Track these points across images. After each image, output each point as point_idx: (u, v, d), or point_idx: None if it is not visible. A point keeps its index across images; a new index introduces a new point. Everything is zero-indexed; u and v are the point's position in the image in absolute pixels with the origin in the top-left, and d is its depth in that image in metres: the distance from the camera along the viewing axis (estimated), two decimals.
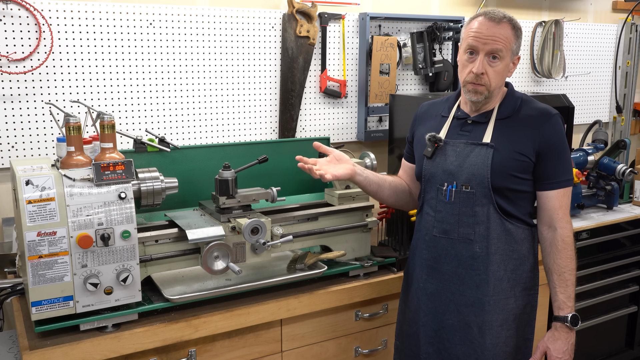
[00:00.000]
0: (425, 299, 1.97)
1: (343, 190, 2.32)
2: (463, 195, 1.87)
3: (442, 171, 1.91)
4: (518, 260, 1.90)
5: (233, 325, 2.02)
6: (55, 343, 1.79)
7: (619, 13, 4.16)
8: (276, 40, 2.90)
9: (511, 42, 1.81)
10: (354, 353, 2.34)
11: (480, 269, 1.87)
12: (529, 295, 1.93)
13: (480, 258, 1.87)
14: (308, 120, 3.06)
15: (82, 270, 1.78)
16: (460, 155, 1.89)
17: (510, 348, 1.90)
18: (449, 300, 1.92)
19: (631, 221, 3.15)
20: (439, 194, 1.92)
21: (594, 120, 3.58)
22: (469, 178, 1.86)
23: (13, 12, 2.33)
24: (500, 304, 1.88)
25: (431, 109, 2.07)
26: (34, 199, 1.72)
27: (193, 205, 2.25)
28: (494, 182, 1.83)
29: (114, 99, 2.57)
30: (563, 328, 1.87)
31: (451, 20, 3.27)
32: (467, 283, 1.89)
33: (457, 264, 1.90)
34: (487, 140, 1.86)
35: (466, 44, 1.83)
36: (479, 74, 1.81)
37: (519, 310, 1.91)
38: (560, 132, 1.87)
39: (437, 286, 1.95)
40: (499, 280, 1.87)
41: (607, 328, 3.23)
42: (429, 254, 1.96)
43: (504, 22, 1.80)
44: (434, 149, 1.93)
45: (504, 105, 1.90)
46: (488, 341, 1.87)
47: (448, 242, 1.91)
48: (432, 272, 1.96)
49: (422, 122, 2.06)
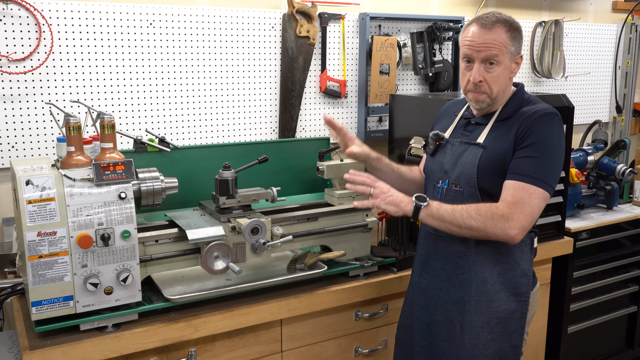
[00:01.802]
0: (419, 293, 2.02)
1: (343, 190, 2.32)
2: (452, 193, 1.89)
3: (439, 169, 1.95)
4: (507, 264, 1.87)
5: (233, 325, 2.02)
6: (55, 343, 1.79)
7: (619, 13, 4.16)
8: (276, 40, 2.90)
9: (507, 44, 1.79)
10: (354, 353, 2.34)
11: (464, 268, 1.89)
12: (519, 302, 1.89)
13: (465, 257, 1.89)
14: (308, 120, 3.05)
15: (82, 270, 1.78)
16: (455, 154, 1.91)
17: (492, 352, 1.87)
18: (438, 297, 1.96)
19: (631, 221, 3.15)
20: (434, 191, 1.95)
21: (594, 120, 3.58)
22: (458, 177, 1.88)
23: (13, 12, 2.33)
24: (482, 305, 1.87)
25: (450, 108, 2.10)
26: (34, 199, 1.72)
27: (193, 205, 2.25)
28: (480, 182, 1.83)
29: (114, 99, 2.57)
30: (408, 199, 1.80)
31: (451, 20, 3.27)
32: (452, 281, 1.92)
33: (445, 261, 1.94)
34: (481, 141, 1.86)
35: (462, 53, 1.85)
36: (477, 82, 1.81)
37: (506, 315, 1.87)
38: (546, 132, 1.77)
39: (429, 281, 1.99)
40: (482, 281, 1.87)
41: (607, 328, 3.23)
42: (424, 249, 2.01)
43: (497, 27, 1.78)
44: (436, 146, 1.96)
45: (507, 107, 1.89)
46: (467, 341, 1.88)
47: (438, 239, 1.95)
48: (425, 268, 2.00)
49: (440, 119, 2.10)
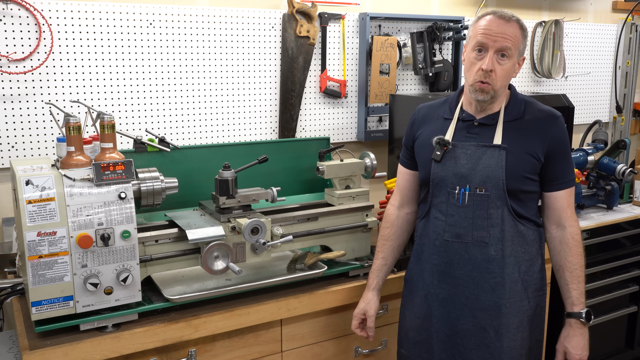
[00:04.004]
0: (437, 305, 1.95)
1: (343, 190, 2.32)
2: (477, 198, 1.85)
3: (454, 174, 1.88)
4: (529, 262, 1.90)
5: (233, 325, 2.02)
6: (55, 343, 1.78)
7: (619, 13, 4.16)
8: (276, 40, 2.90)
9: (519, 41, 1.81)
10: (354, 353, 2.34)
11: (496, 272, 1.87)
12: (539, 296, 1.94)
13: (496, 261, 1.86)
14: (308, 120, 3.05)
15: (82, 270, 1.78)
16: (472, 158, 1.86)
17: (526, 350, 1.91)
18: (463, 305, 1.91)
19: (631, 221, 3.15)
20: (450, 197, 1.89)
21: (594, 120, 3.58)
22: (483, 180, 1.84)
23: (13, 12, 2.33)
24: (515, 306, 1.88)
25: (430, 112, 2.02)
26: (34, 199, 1.72)
27: (193, 205, 2.25)
28: (509, 184, 1.83)
29: (114, 99, 2.57)
30: (577, 324, 1.88)
31: (451, 20, 3.26)
32: (482, 287, 1.88)
33: (472, 267, 1.88)
34: (497, 142, 1.85)
35: (475, 42, 1.81)
36: (488, 71, 1.79)
37: (532, 311, 1.91)
38: (566, 134, 1.90)
39: (450, 291, 1.93)
40: (514, 282, 1.87)
41: (607, 328, 3.23)
42: (440, 259, 1.93)
43: (513, 21, 1.81)
44: (443, 152, 1.89)
45: (510, 107, 1.89)
46: (505, 344, 1.87)
47: (461, 246, 1.89)
48: (444, 277, 1.93)
49: (423, 125, 2.01)
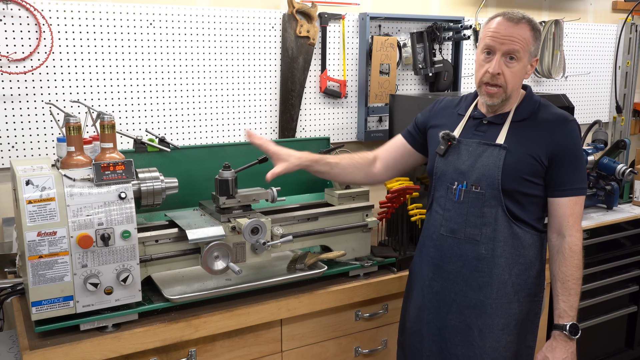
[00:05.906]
0: (430, 297, 1.97)
1: (343, 190, 2.33)
2: (472, 195, 1.85)
3: (454, 170, 1.89)
4: (524, 266, 1.87)
5: (233, 325, 2.02)
6: (55, 343, 1.79)
7: (618, 13, 4.16)
8: (276, 40, 2.90)
9: (529, 43, 1.78)
10: (354, 353, 2.34)
11: (485, 271, 1.86)
12: (533, 302, 1.91)
13: (486, 260, 1.85)
14: (308, 120, 3.05)
15: (82, 270, 1.78)
16: (473, 155, 1.87)
17: (511, 353, 1.88)
18: (452, 300, 1.91)
19: (631, 221, 3.15)
20: (448, 192, 1.90)
21: (594, 120, 3.58)
22: (479, 178, 1.84)
23: (13, 12, 2.33)
24: (502, 307, 1.86)
25: (449, 105, 2.04)
26: (34, 199, 1.72)
27: (193, 205, 2.25)
28: (504, 184, 1.81)
29: (114, 99, 2.57)
30: (561, 336, 1.84)
31: (451, 20, 3.27)
32: (470, 284, 1.88)
33: (462, 264, 1.89)
34: (500, 142, 1.84)
35: (483, 44, 1.81)
36: (495, 74, 1.78)
37: (522, 316, 1.89)
38: (576, 139, 1.84)
39: (442, 285, 1.94)
40: (502, 284, 1.86)
41: (607, 328, 3.23)
42: (436, 252, 1.95)
43: (523, 23, 1.78)
44: (447, 147, 1.90)
45: (521, 107, 1.88)
46: (488, 344, 1.86)
47: (454, 242, 1.89)
48: (437, 271, 1.95)
49: (439, 116, 2.03)
